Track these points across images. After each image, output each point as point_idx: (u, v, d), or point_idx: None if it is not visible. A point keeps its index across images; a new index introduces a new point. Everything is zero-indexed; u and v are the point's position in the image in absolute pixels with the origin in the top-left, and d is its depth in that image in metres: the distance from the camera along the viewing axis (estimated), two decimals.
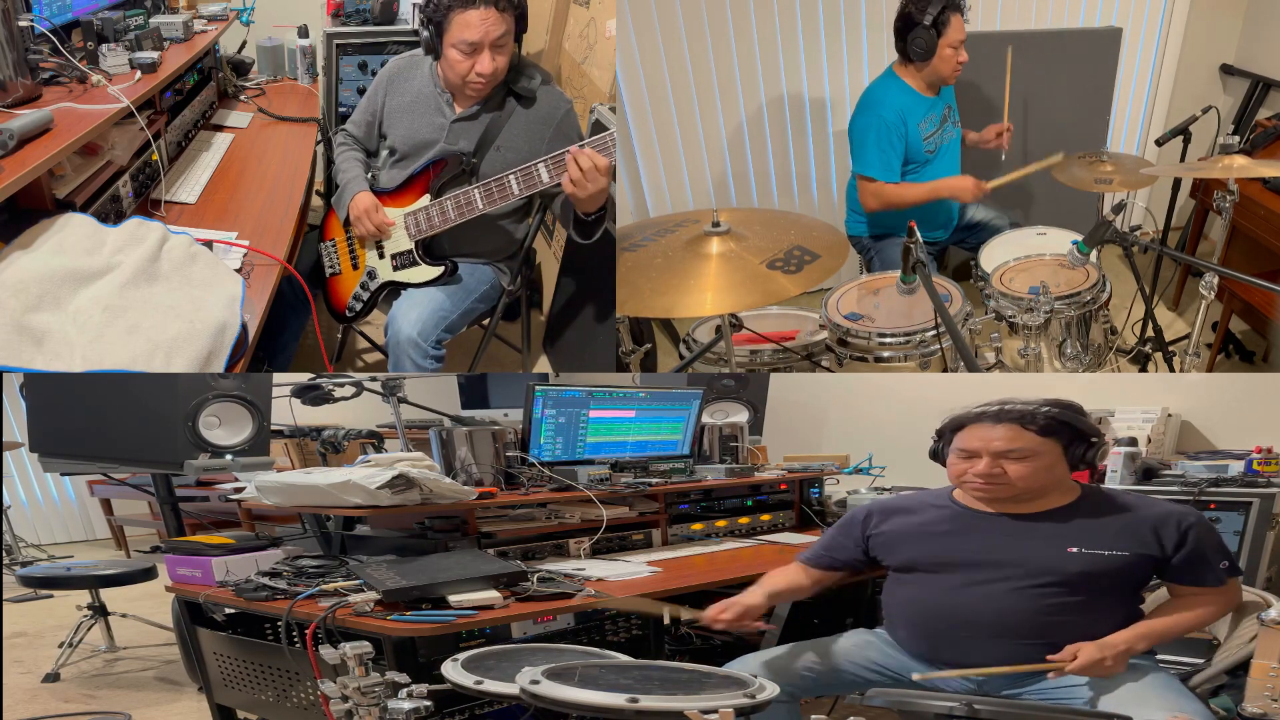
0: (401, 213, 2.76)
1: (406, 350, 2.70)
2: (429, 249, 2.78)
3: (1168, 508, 1.78)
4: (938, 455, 1.92)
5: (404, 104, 2.84)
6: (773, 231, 2.44)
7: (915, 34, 3.10)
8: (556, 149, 2.52)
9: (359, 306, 2.90)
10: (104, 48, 2.60)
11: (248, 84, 3.80)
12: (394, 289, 2.83)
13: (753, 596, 1.89)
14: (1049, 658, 1.67)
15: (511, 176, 2.55)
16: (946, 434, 1.88)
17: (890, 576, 1.93)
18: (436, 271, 2.77)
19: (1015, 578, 1.75)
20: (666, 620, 1.92)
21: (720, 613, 1.84)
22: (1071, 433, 1.79)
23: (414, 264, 2.78)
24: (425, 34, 2.67)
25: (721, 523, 2.78)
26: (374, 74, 3.57)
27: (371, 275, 2.85)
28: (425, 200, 2.72)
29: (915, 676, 1.77)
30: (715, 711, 1.32)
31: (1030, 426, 1.77)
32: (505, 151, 2.72)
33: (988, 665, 1.75)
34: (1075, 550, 1.74)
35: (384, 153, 2.91)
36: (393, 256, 2.80)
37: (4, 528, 5.10)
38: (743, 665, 1.76)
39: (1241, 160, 2.75)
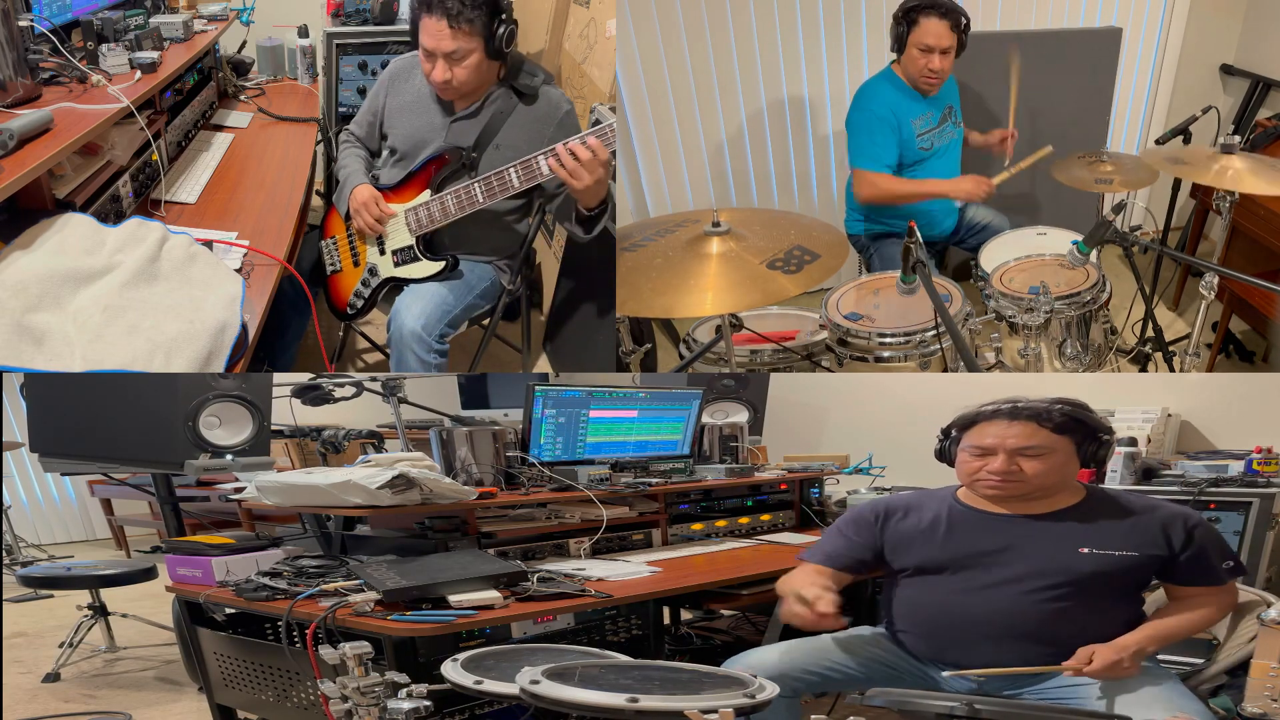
0: (403, 208, 2.76)
1: (410, 344, 2.70)
2: (430, 245, 2.78)
3: (1173, 508, 1.79)
4: (944, 454, 1.91)
5: (404, 103, 2.84)
6: (773, 231, 2.43)
7: (894, 25, 3.18)
8: None
9: (360, 304, 2.90)
10: (104, 48, 2.60)
11: (248, 84, 3.80)
12: (395, 286, 2.83)
13: (827, 603, 1.75)
14: (1064, 664, 1.67)
15: (511, 169, 2.55)
16: (955, 432, 1.87)
17: (893, 577, 1.93)
18: (438, 266, 2.77)
19: (1025, 579, 1.75)
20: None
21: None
22: (1084, 430, 1.80)
23: (415, 259, 2.78)
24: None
25: (721, 523, 2.78)
26: (374, 74, 3.58)
27: (373, 272, 2.85)
28: (426, 195, 2.72)
29: (946, 674, 1.79)
30: (715, 711, 1.31)
31: (1046, 424, 1.77)
32: (505, 150, 2.71)
33: (993, 666, 1.75)
34: (1087, 551, 1.74)
35: (385, 152, 2.91)
36: (394, 252, 2.81)
37: (4, 528, 5.10)
38: (742, 665, 1.76)
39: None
